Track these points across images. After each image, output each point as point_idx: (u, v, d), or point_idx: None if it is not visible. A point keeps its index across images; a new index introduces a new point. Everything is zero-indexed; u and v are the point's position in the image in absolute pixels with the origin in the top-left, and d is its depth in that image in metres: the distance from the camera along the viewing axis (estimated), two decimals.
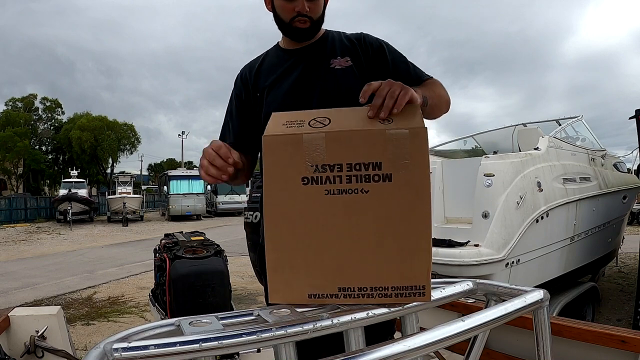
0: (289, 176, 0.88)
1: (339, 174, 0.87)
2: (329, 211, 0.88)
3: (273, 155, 0.89)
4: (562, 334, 1.48)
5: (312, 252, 0.90)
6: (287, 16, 1.25)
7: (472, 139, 6.26)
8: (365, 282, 0.90)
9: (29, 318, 1.98)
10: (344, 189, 0.87)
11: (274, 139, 0.89)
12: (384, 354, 0.69)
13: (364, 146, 0.88)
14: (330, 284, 0.90)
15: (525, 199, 3.83)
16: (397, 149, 0.87)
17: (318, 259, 0.90)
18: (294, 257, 0.90)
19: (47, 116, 36.27)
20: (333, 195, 0.87)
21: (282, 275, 0.91)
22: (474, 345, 1.07)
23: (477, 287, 1.05)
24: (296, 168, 0.88)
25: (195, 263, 2.63)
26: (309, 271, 0.90)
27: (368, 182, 0.87)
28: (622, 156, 7.11)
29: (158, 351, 0.64)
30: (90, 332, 4.76)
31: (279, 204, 0.89)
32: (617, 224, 5.89)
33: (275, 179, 0.89)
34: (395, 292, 0.89)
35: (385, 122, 0.90)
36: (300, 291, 0.91)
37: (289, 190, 0.88)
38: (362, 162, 0.87)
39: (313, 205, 0.88)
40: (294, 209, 0.89)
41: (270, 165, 0.89)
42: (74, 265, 9.43)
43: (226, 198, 25.28)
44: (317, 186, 0.88)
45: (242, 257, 7.39)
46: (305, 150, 0.88)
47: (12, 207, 23.35)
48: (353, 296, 0.90)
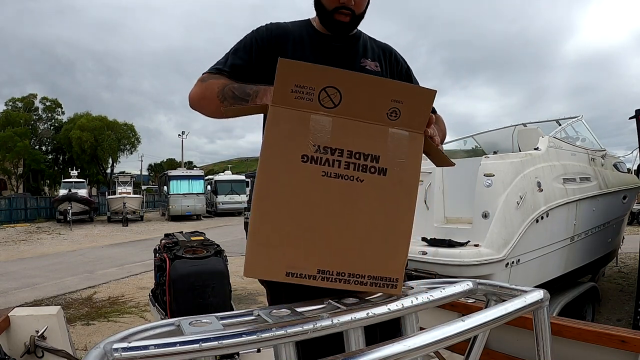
0: (289, 151, 0.88)
1: (339, 159, 0.89)
2: (322, 193, 0.89)
3: (277, 127, 0.88)
4: (562, 334, 1.48)
5: (298, 230, 0.90)
6: (330, 5, 1.20)
7: (472, 139, 6.26)
8: (344, 267, 0.92)
9: (29, 318, 1.98)
10: (341, 174, 0.90)
11: (281, 111, 0.87)
12: (384, 354, 0.69)
13: (367, 138, 0.90)
14: (310, 265, 0.91)
15: (525, 199, 3.83)
16: (395, 147, 0.91)
17: (302, 238, 0.90)
18: (278, 232, 0.89)
19: (47, 116, 36.26)
20: (329, 178, 0.89)
21: (263, 249, 0.90)
22: (474, 345, 1.07)
23: (477, 287, 1.05)
24: (298, 144, 0.88)
25: (195, 263, 2.63)
26: (291, 248, 0.90)
27: (364, 172, 0.90)
28: (622, 156, 7.11)
29: (158, 351, 0.64)
30: (90, 332, 4.76)
31: (273, 175, 0.88)
32: (617, 224, 5.88)
33: (274, 151, 0.88)
34: (370, 281, 0.94)
35: (393, 116, 0.91)
36: (279, 268, 0.91)
37: (286, 164, 0.88)
38: (362, 152, 0.90)
39: (308, 184, 0.89)
40: (288, 184, 0.89)
41: (273, 136, 0.88)
42: (74, 265, 9.43)
43: (226, 198, 25.29)
44: (316, 166, 0.88)
45: (242, 257, 7.34)
46: (310, 130, 0.88)
47: (12, 207, 23.34)
48: (331, 280, 0.92)
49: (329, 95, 0.87)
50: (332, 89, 0.87)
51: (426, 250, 3.68)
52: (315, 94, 0.87)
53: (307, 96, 0.87)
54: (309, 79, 0.86)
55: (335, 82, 0.87)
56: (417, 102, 0.91)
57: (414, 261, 3.62)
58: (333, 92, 0.87)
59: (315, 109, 0.88)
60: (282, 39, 1.26)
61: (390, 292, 0.95)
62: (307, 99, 0.87)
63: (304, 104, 0.87)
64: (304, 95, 0.87)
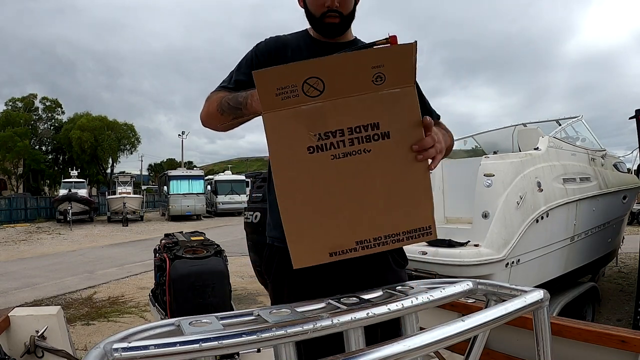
0: (295, 148, 0.92)
1: (342, 139, 0.93)
2: (337, 174, 0.93)
3: (276, 131, 0.92)
4: (562, 334, 1.48)
5: (327, 215, 0.95)
6: (317, 11, 1.25)
7: (472, 139, 6.26)
8: (379, 232, 0.97)
9: (29, 318, 1.98)
10: (348, 151, 0.93)
11: (274, 115, 0.91)
12: (384, 354, 0.69)
13: (361, 109, 0.93)
14: (348, 240, 0.97)
15: (525, 199, 3.83)
16: (391, 107, 0.94)
17: (333, 220, 0.95)
18: (310, 223, 0.95)
19: (47, 116, 36.27)
20: (339, 159, 0.93)
21: (301, 242, 0.95)
22: (474, 345, 1.07)
23: (477, 287, 1.05)
24: (300, 139, 0.92)
25: (195, 263, 2.63)
26: (326, 233, 0.95)
27: (369, 142, 0.94)
28: (622, 156, 7.11)
29: (158, 351, 0.64)
30: (90, 332, 4.76)
31: (289, 176, 0.93)
32: (617, 224, 5.88)
33: (281, 153, 0.92)
34: (406, 236, 0.99)
35: (378, 81, 0.92)
36: (322, 252, 0.96)
37: (296, 161, 0.92)
38: (362, 125, 0.93)
39: (322, 172, 0.93)
40: (303, 178, 0.93)
41: (275, 141, 0.92)
42: (74, 265, 9.43)
43: (226, 198, 25.28)
44: (323, 153, 0.92)
45: (242, 257, 7.38)
46: (306, 122, 0.91)
47: (12, 207, 23.34)
48: (370, 247, 0.98)
49: (312, 85, 0.90)
50: (313, 78, 0.90)
51: (426, 250, 3.68)
52: (299, 88, 0.90)
53: (292, 93, 0.90)
54: (287, 79, 0.89)
55: (313, 72, 0.90)
56: (398, 59, 0.92)
57: (414, 261, 3.62)
58: (314, 81, 0.90)
59: (304, 102, 0.91)
60: (281, 51, 1.32)
61: (427, 239, 1.01)
62: (293, 96, 0.90)
63: (292, 101, 0.90)
64: (289, 94, 0.90)
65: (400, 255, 1.32)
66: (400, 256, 1.32)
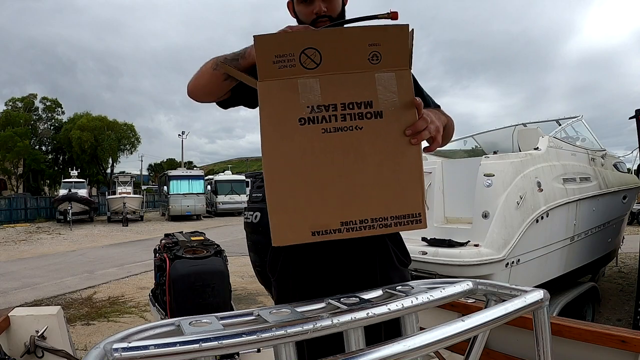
0: (286, 118, 0.91)
1: (334, 113, 0.92)
2: (326, 149, 0.92)
3: (269, 99, 0.91)
4: (562, 334, 1.48)
5: (313, 190, 0.93)
6: (308, 19, 1.27)
7: (472, 139, 6.26)
8: (365, 214, 0.94)
9: (29, 318, 1.98)
10: (340, 126, 0.92)
11: (269, 84, 0.91)
12: (384, 354, 0.69)
13: (356, 87, 0.93)
14: (333, 220, 0.94)
15: (525, 199, 3.83)
16: (385, 89, 0.94)
17: (319, 197, 0.93)
18: (295, 197, 0.92)
19: (47, 116, 36.26)
20: (330, 134, 0.92)
21: (284, 216, 0.93)
22: (474, 345, 1.07)
23: (477, 287, 1.05)
24: (293, 110, 0.91)
25: (195, 263, 2.64)
26: (311, 209, 0.93)
27: (361, 120, 0.93)
28: (622, 156, 7.12)
29: (158, 351, 0.64)
30: (90, 332, 4.76)
31: (278, 145, 0.91)
32: (617, 224, 5.88)
33: (272, 122, 0.91)
34: (394, 222, 0.96)
35: (374, 60, 0.93)
36: (304, 230, 0.93)
37: (286, 131, 0.91)
38: (355, 101, 0.93)
39: (311, 144, 0.92)
40: (292, 149, 0.91)
41: (267, 109, 0.91)
42: (74, 265, 9.43)
43: (226, 198, 25.29)
44: (314, 125, 0.92)
45: (242, 257, 7.38)
46: (300, 93, 0.91)
47: (12, 207, 23.35)
48: (355, 229, 0.94)
49: (309, 56, 0.91)
50: (311, 49, 0.91)
51: (426, 250, 3.68)
52: (296, 58, 0.90)
53: (289, 63, 0.90)
54: (286, 47, 0.90)
55: (312, 42, 0.91)
56: (394, 40, 0.93)
57: (414, 261, 3.61)
58: (312, 52, 0.91)
59: (300, 73, 0.91)
60: None
61: (417, 227, 0.97)
62: (290, 66, 0.90)
63: (288, 71, 0.90)
64: (286, 63, 0.90)
65: (404, 254, 1.34)
66: (403, 255, 1.33)
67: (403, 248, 1.34)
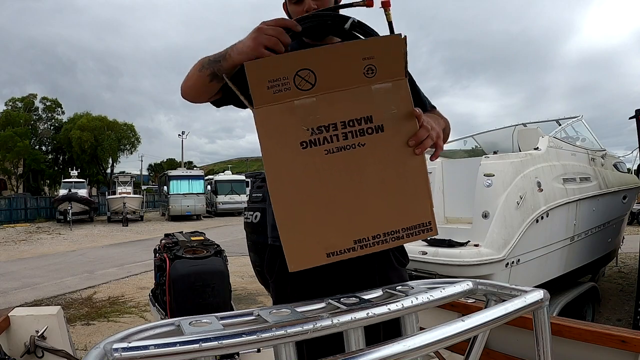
0: (287, 143, 0.90)
1: (335, 133, 0.91)
2: (331, 169, 0.91)
3: (267, 126, 0.90)
4: (562, 334, 1.48)
5: (323, 212, 0.92)
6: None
7: (472, 139, 6.26)
8: (377, 229, 0.94)
9: (29, 318, 1.98)
10: (342, 145, 0.91)
11: (266, 110, 0.89)
12: (384, 354, 0.69)
13: (354, 103, 0.92)
14: (346, 240, 0.93)
15: (525, 199, 3.83)
16: (383, 101, 0.93)
17: (330, 218, 0.92)
18: (305, 222, 0.91)
19: (47, 116, 36.25)
20: (333, 154, 0.91)
21: (297, 241, 0.92)
22: (474, 345, 1.07)
23: (477, 287, 1.05)
24: (293, 134, 0.90)
25: (195, 263, 2.63)
26: (323, 231, 0.92)
27: (363, 136, 0.92)
28: (622, 156, 7.12)
29: (158, 351, 0.64)
30: (90, 332, 4.76)
31: (282, 172, 0.90)
32: (617, 224, 5.88)
33: (273, 149, 0.90)
34: (406, 233, 0.96)
35: (370, 73, 0.92)
36: (318, 253, 0.93)
37: (289, 157, 0.90)
38: (355, 118, 0.91)
39: (316, 167, 0.90)
40: (297, 174, 0.90)
41: (267, 136, 0.90)
42: (74, 265, 9.43)
43: (226, 198, 25.28)
44: (317, 148, 0.90)
45: (242, 257, 7.38)
46: (299, 116, 0.90)
47: (12, 207, 23.34)
48: (368, 245, 0.94)
49: (304, 77, 0.89)
50: (304, 71, 0.89)
51: (426, 250, 3.68)
52: (291, 81, 0.88)
53: (284, 86, 0.88)
54: (279, 71, 0.88)
55: (305, 63, 0.89)
56: (388, 51, 0.92)
57: (414, 261, 3.62)
58: (306, 73, 0.89)
59: (296, 95, 0.89)
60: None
61: (428, 235, 0.98)
62: (285, 89, 0.88)
63: (284, 95, 0.89)
64: (281, 87, 0.88)
65: (402, 254, 1.33)
66: (401, 254, 1.33)
67: (401, 248, 1.34)
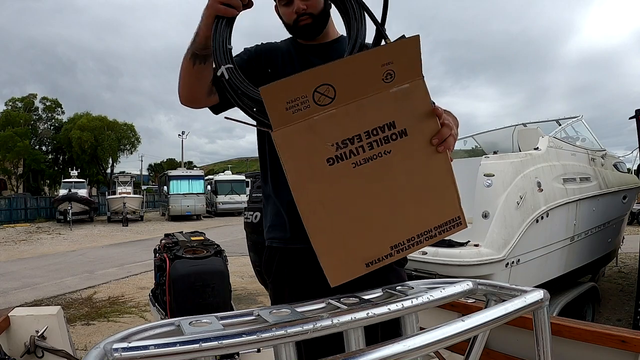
0: (314, 162, 0.88)
1: (360, 144, 0.90)
2: (361, 182, 0.90)
3: (290, 147, 0.87)
4: (562, 334, 1.48)
5: (358, 225, 0.92)
6: (290, 19, 1.27)
7: (472, 139, 6.26)
8: (411, 232, 0.95)
9: (29, 318, 1.98)
10: (369, 156, 0.90)
11: (285, 132, 0.86)
12: (384, 354, 0.69)
13: (375, 111, 0.90)
14: (382, 247, 0.94)
15: (525, 199, 3.82)
16: (404, 104, 0.91)
17: (364, 229, 0.93)
18: (340, 236, 0.91)
19: (47, 116, 36.25)
20: (361, 166, 0.90)
21: (334, 256, 0.92)
22: (474, 345, 1.07)
23: (477, 287, 1.05)
24: (318, 152, 0.88)
25: (195, 263, 2.64)
26: (359, 243, 0.93)
27: (388, 143, 0.91)
28: (622, 156, 7.12)
29: (158, 351, 0.64)
30: (90, 332, 4.76)
31: (311, 191, 0.89)
32: (617, 224, 5.88)
33: (300, 170, 0.88)
34: (438, 231, 0.98)
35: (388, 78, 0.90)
36: (357, 264, 0.93)
37: (317, 176, 0.88)
38: (378, 126, 0.90)
39: (345, 182, 0.90)
40: (327, 192, 0.89)
41: (291, 158, 0.88)
42: (74, 265, 9.43)
43: (226, 198, 25.27)
44: (344, 162, 0.89)
45: (242, 257, 7.38)
46: (321, 133, 0.87)
47: (12, 207, 23.34)
48: (404, 249, 0.96)
49: (323, 93, 0.86)
50: (323, 86, 0.86)
51: (426, 250, 3.68)
52: (310, 99, 0.86)
53: (303, 105, 0.86)
54: (297, 90, 0.85)
55: (323, 79, 0.86)
56: (406, 54, 0.90)
57: (414, 261, 3.62)
58: (325, 88, 0.86)
59: (316, 112, 0.87)
60: (272, 54, 1.34)
61: (459, 229, 1.01)
62: (304, 108, 0.86)
63: (304, 114, 0.86)
64: (300, 107, 0.85)
65: None
66: None
67: None
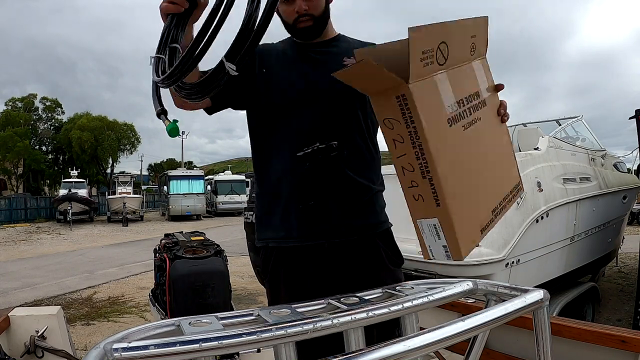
0: (440, 121, 0.85)
1: (464, 108, 0.92)
2: (468, 146, 0.92)
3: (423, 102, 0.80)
4: (562, 334, 1.48)
5: (474, 190, 0.93)
6: (290, 19, 1.27)
7: None
8: (500, 196, 1.02)
9: (29, 318, 1.98)
10: (470, 121, 0.92)
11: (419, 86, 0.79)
12: (384, 354, 0.69)
13: (467, 79, 0.95)
14: (487, 212, 0.97)
15: (525, 199, 3.82)
16: (480, 77, 0.99)
17: (478, 194, 0.95)
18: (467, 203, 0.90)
19: (47, 116, 36.26)
20: (466, 130, 0.91)
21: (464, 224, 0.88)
22: (474, 345, 1.07)
23: (477, 287, 1.05)
24: (441, 111, 0.86)
25: (195, 263, 2.64)
26: (476, 209, 0.94)
27: (477, 111, 0.95)
28: (622, 156, 7.11)
29: (158, 351, 0.64)
30: (90, 332, 4.76)
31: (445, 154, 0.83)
32: (617, 224, 5.88)
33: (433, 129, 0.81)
34: (512, 196, 1.06)
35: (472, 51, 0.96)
36: (476, 231, 0.94)
37: (444, 136, 0.85)
38: (470, 94, 0.94)
39: (460, 144, 0.90)
40: (451, 153, 0.86)
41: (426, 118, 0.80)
42: (74, 265, 9.43)
43: (226, 198, 25.28)
44: (457, 125, 0.89)
45: (242, 257, 7.38)
46: (443, 92, 0.87)
47: (12, 207, 23.34)
48: (498, 213, 1.00)
49: (442, 51, 0.84)
50: (443, 44, 0.84)
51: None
52: (435, 54, 0.82)
53: (429, 60, 0.81)
54: (429, 41, 0.81)
55: (445, 36, 0.84)
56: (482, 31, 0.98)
57: (414, 261, 3.62)
58: (444, 47, 0.84)
59: (435, 70, 0.84)
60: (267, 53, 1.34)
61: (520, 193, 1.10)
62: (430, 63, 0.82)
63: (429, 69, 0.82)
64: (427, 60, 0.81)
65: (395, 254, 1.32)
66: (395, 254, 1.32)
67: (395, 247, 1.33)
